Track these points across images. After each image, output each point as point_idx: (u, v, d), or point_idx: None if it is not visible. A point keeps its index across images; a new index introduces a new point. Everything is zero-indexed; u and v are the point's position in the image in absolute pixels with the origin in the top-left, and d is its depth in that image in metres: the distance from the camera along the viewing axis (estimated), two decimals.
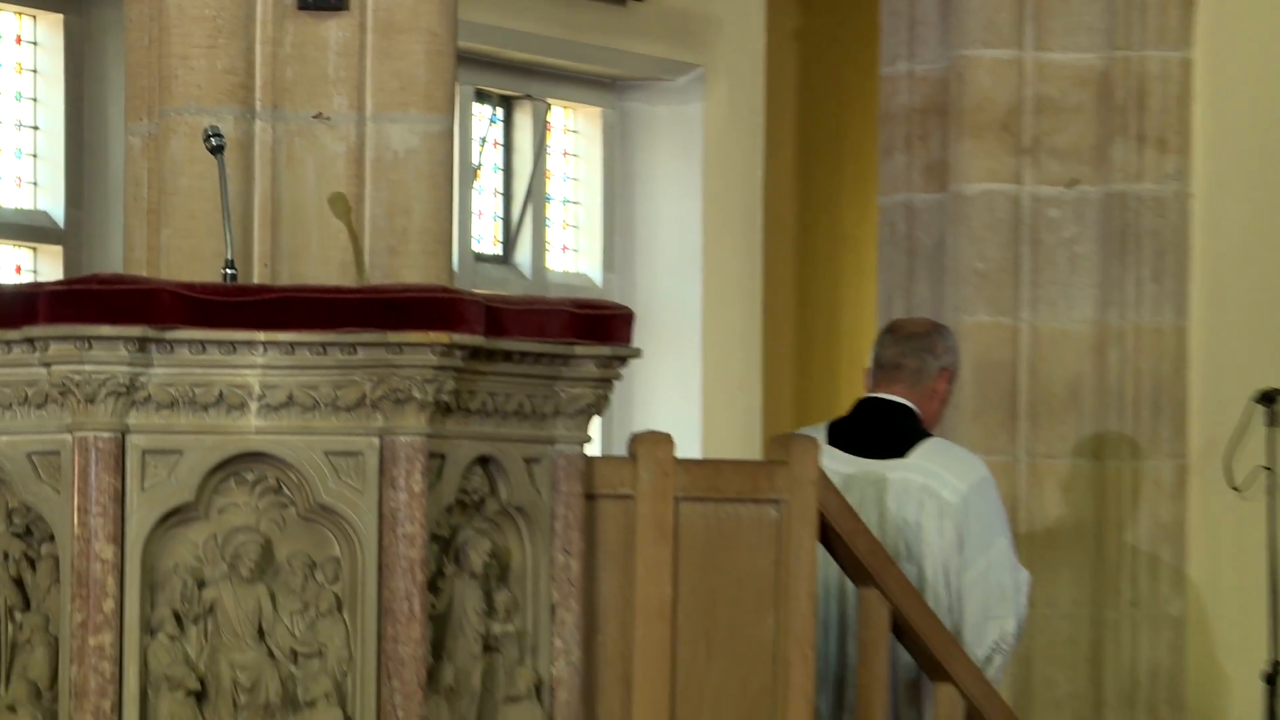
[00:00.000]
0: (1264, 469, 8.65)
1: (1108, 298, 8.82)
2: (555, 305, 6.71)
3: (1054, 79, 8.80)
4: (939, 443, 8.10)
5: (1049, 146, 8.80)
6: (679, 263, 13.48)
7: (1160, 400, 8.85)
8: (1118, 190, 8.79)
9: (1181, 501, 8.83)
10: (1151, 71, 8.79)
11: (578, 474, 6.66)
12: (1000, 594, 7.98)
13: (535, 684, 6.56)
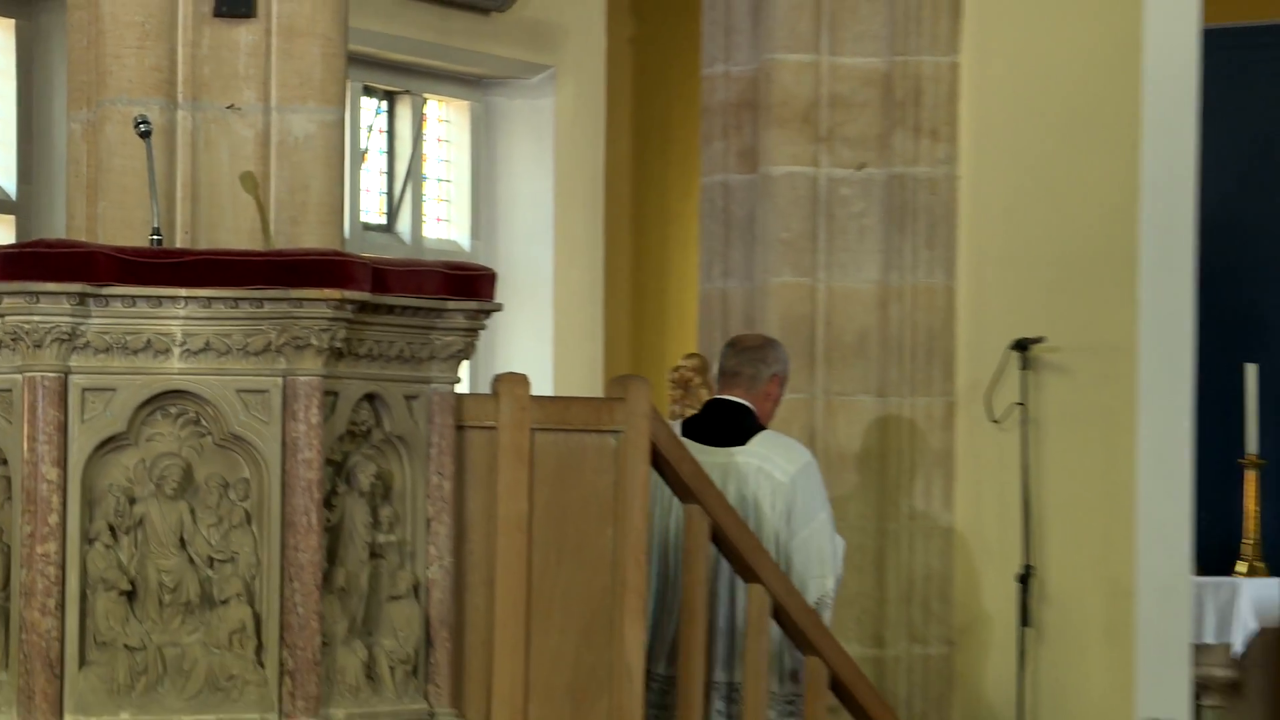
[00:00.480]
0: (1018, 405, 8.72)
1: (889, 262, 8.86)
2: (430, 267, 6.77)
3: (845, 79, 8.82)
4: (771, 434, 8.24)
5: (841, 136, 8.83)
6: (534, 232, 13.54)
7: (932, 348, 8.89)
8: (898, 172, 8.83)
9: (950, 432, 8.88)
10: (926, 73, 8.82)
11: (449, 408, 6.70)
12: (820, 557, 8.12)
13: (413, 585, 6.61)
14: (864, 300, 8.88)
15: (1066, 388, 8.72)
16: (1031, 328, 8.72)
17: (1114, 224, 8.69)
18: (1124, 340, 8.66)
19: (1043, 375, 8.74)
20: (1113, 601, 8.65)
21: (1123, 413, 8.66)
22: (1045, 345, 8.71)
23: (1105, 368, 8.68)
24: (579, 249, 13.66)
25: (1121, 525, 8.66)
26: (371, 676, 6.50)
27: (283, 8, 6.66)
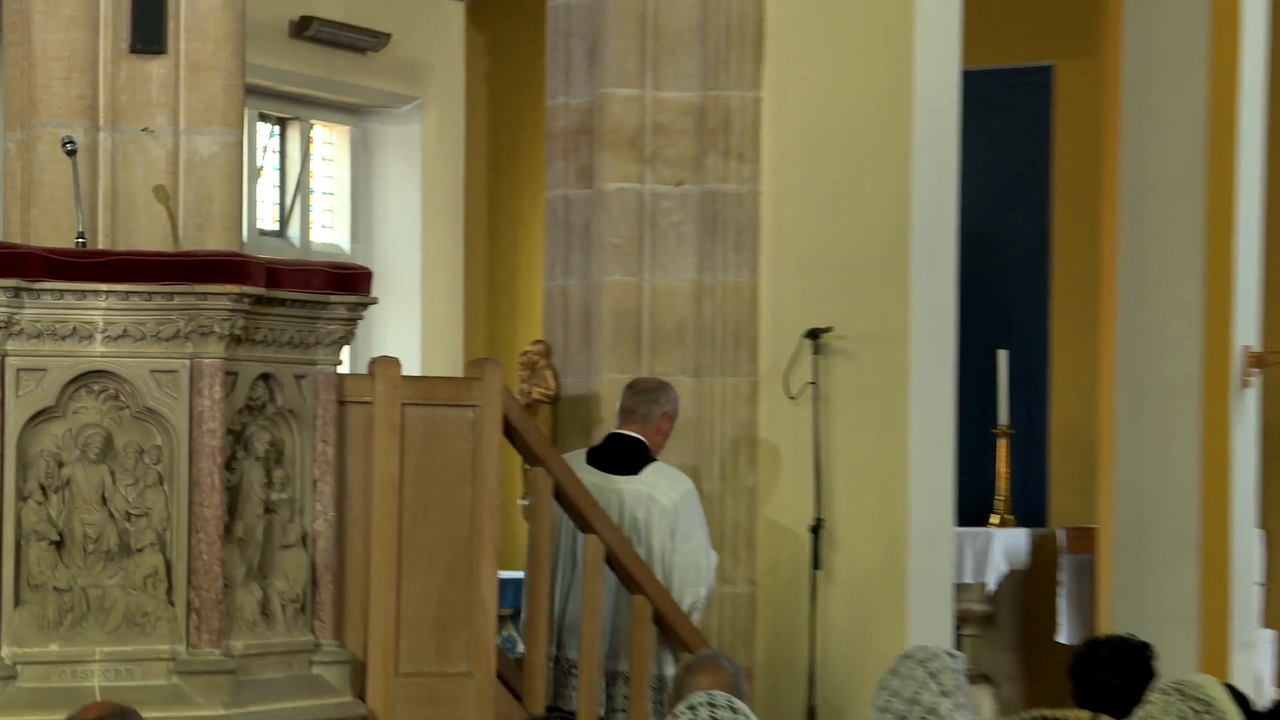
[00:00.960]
0: (810, 384, 8.73)
1: (703, 264, 8.84)
2: (316, 266, 6.82)
3: (666, 110, 8.81)
4: (659, 465, 8.34)
5: (662, 158, 8.81)
6: (404, 237, 13.53)
7: (739, 336, 8.88)
8: (710, 189, 8.82)
9: (754, 407, 8.88)
10: (733, 106, 8.81)
11: (333, 386, 6.72)
12: (695, 571, 8.24)
13: (302, 536, 6.63)
14: (682, 296, 8.86)
15: (850, 369, 8.73)
16: (822, 319, 8.73)
17: (889, 233, 8.71)
18: (898, 330, 8.69)
19: (831, 359, 8.75)
20: (888, 548, 8.68)
21: (897, 391, 8.69)
22: (833, 334, 8.72)
23: (882, 353, 8.70)
24: (442, 252, 13.66)
25: (896, 484, 8.69)
26: (266, 613, 6.54)
27: (189, 45, 6.64)
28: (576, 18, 8.93)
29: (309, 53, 12.56)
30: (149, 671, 6.22)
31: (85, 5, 6.57)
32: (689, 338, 8.87)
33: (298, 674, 6.64)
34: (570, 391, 9.00)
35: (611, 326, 8.84)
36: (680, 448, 8.82)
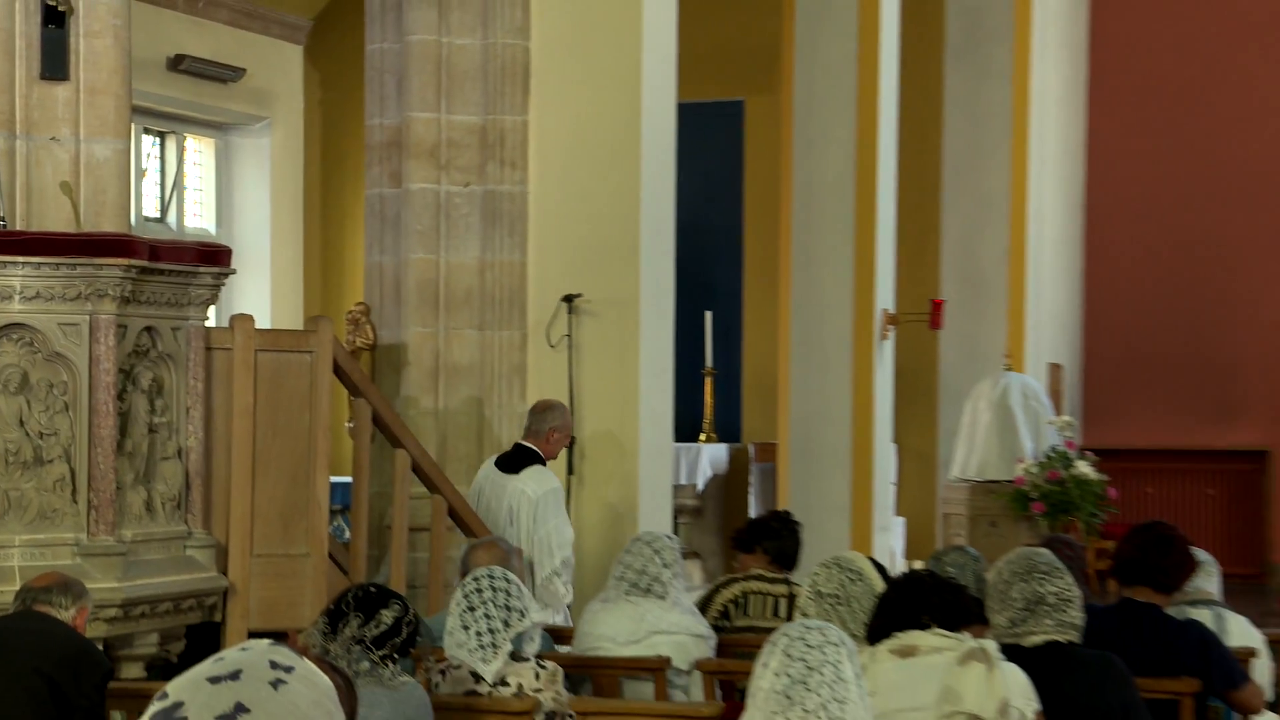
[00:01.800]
0: (566, 336, 8.72)
1: (485, 246, 8.81)
2: (188, 245, 6.83)
3: (456, 129, 8.76)
4: (536, 469, 8.26)
5: (454, 165, 8.75)
6: (257, 224, 13.45)
7: (512, 299, 8.86)
8: (490, 189, 8.79)
9: (524, 353, 8.88)
10: (507, 126, 8.78)
11: (201, 336, 6.70)
12: (549, 550, 8.18)
13: (178, 450, 6.60)
14: (469, 270, 8.82)
15: (595, 325, 8.73)
16: (574, 288, 8.73)
17: (624, 223, 8.72)
18: (630, 296, 8.71)
19: (581, 318, 8.74)
20: (623, 458, 8.70)
21: (629, 341, 8.71)
22: (582, 299, 8.71)
23: (619, 313, 8.70)
24: (287, 235, 13.61)
25: (629, 411, 8.71)
26: (149, 509, 6.53)
27: (87, 74, 6.54)
28: (388, 59, 8.87)
29: (182, 82, 12.48)
30: (58, 554, 6.14)
31: (5, 42, 6.43)
32: (474, 301, 8.82)
33: (174, 555, 6.58)
34: (384, 341, 8.91)
35: (415, 292, 8.77)
36: (468, 383, 8.79)
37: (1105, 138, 16.56)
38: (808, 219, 11.68)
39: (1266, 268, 15.99)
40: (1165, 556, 6.16)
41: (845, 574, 5.58)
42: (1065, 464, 12.26)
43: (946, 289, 14.13)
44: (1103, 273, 16.58)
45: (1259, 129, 16.04)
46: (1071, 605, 5.37)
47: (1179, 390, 16.22)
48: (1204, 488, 16.18)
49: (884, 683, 4.77)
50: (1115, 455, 15.32)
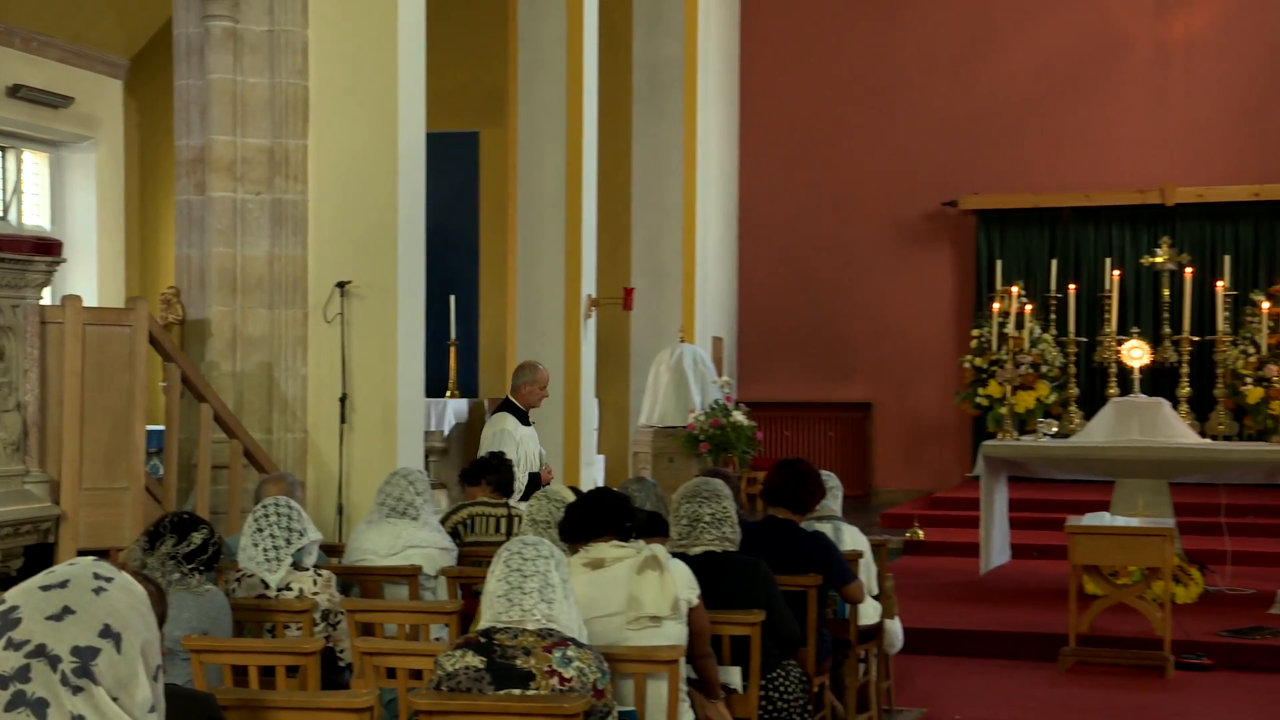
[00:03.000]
0: (339, 314, 8.53)
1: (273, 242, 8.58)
2: (26, 238, 6.37)
3: (249, 150, 8.49)
4: (499, 415, 8.80)
5: (248, 178, 8.49)
6: (85, 223, 12.93)
7: (296, 285, 8.63)
8: (277, 198, 8.55)
9: (306, 327, 8.63)
10: (291, 148, 8.55)
11: (37, 312, 6.40)
12: None
13: (17, 404, 6.23)
14: (261, 261, 8.58)
15: (362, 305, 8.58)
16: (345, 275, 8.57)
17: (385, 227, 8.59)
18: (390, 283, 8.59)
19: (351, 300, 8.59)
20: (385, 410, 8.57)
21: (389, 319, 8.59)
22: (352, 285, 8.55)
23: (381, 296, 8.58)
24: (111, 232, 13.15)
25: (390, 374, 8.59)
26: None
27: None
28: (193, 92, 8.54)
29: (20, 106, 11.97)
30: None
31: None
32: (265, 286, 8.59)
33: (14, 489, 6.28)
34: (192, 318, 8.61)
35: (217, 278, 8.50)
36: (260, 351, 8.56)
37: (752, 164, 16.94)
38: (529, 224, 11.69)
39: (873, 264, 16.56)
40: (801, 485, 6.36)
41: (553, 504, 5.63)
42: (725, 414, 12.52)
43: (636, 279, 14.33)
44: (752, 267, 16.97)
45: (866, 160, 16.58)
46: (726, 523, 5.48)
47: (809, 356, 16.70)
48: (826, 431, 16.69)
49: (581, 596, 4.80)
50: (762, 406, 15.73)
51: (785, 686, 5.46)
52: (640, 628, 4.75)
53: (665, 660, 4.65)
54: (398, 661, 4.72)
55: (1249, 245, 15.12)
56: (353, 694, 3.94)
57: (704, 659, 5.03)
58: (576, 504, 5.10)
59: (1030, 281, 15.02)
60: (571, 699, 3.99)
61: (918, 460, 16.37)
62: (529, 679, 4.02)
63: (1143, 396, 10.86)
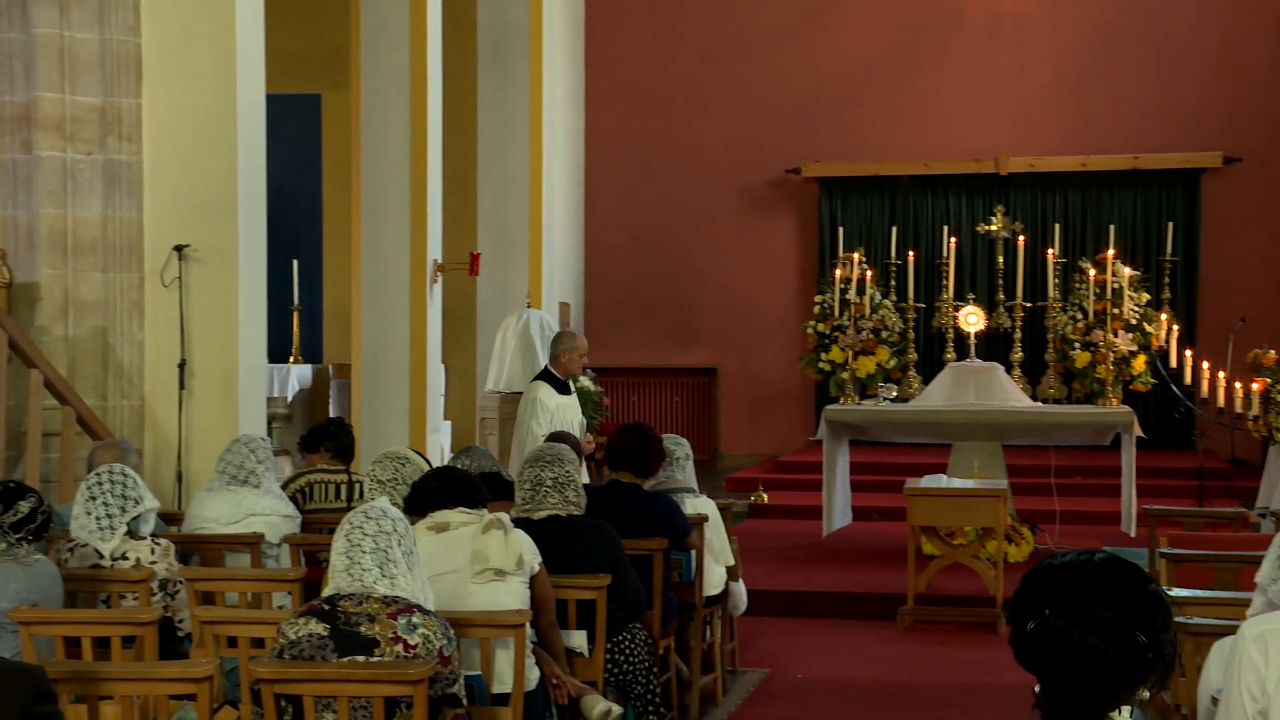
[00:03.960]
0: (177, 278, 8.29)
1: (107, 204, 8.31)
2: None
3: (80, 108, 8.17)
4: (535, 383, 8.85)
5: (79, 137, 8.20)
6: None
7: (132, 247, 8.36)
8: (110, 158, 8.27)
9: (143, 291, 8.39)
10: (124, 107, 8.26)
11: None
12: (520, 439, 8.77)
13: None
14: (94, 223, 8.31)
15: (202, 269, 8.36)
16: (183, 239, 8.33)
17: (224, 189, 8.38)
18: (230, 246, 8.38)
19: (189, 263, 8.37)
20: (226, 376, 8.38)
21: (230, 283, 8.39)
22: (191, 248, 8.32)
23: (221, 260, 8.37)
24: None
25: (231, 339, 8.40)
26: None
27: None
28: (16, 46, 8.19)
29: None
30: None
31: None
32: (99, 248, 8.31)
33: None
34: (19, 281, 8.27)
35: (47, 240, 8.20)
36: (94, 315, 8.30)
37: (598, 131, 16.92)
38: (374, 188, 11.51)
39: (718, 231, 16.68)
40: (645, 449, 6.41)
41: (396, 463, 5.58)
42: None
43: (482, 244, 14.24)
44: (599, 234, 16.97)
45: (711, 128, 16.67)
46: (569, 487, 5.48)
47: (655, 323, 16.78)
48: (672, 396, 16.80)
49: (425, 554, 4.79)
50: (609, 372, 15.78)
51: (631, 649, 5.49)
52: (485, 580, 4.74)
53: (511, 624, 4.64)
54: (239, 630, 4.63)
55: (1077, 214, 15.59)
56: (191, 664, 3.85)
57: (549, 629, 5.04)
58: (423, 480, 5.08)
59: (871, 248, 15.29)
60: (416, 665, 3.95)
61: (762, 425, 16.58)
62: (373, 645, 4.00)
63: (978, 361, 11.14)
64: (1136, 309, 11.30)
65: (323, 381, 13.84)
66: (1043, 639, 2.25)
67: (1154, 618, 2.25)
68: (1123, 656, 2.22)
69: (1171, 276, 13.97)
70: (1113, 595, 2.24)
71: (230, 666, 4.84)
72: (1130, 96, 15.61)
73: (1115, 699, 2.22)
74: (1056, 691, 2.23)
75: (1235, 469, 13.54)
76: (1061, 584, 2.27)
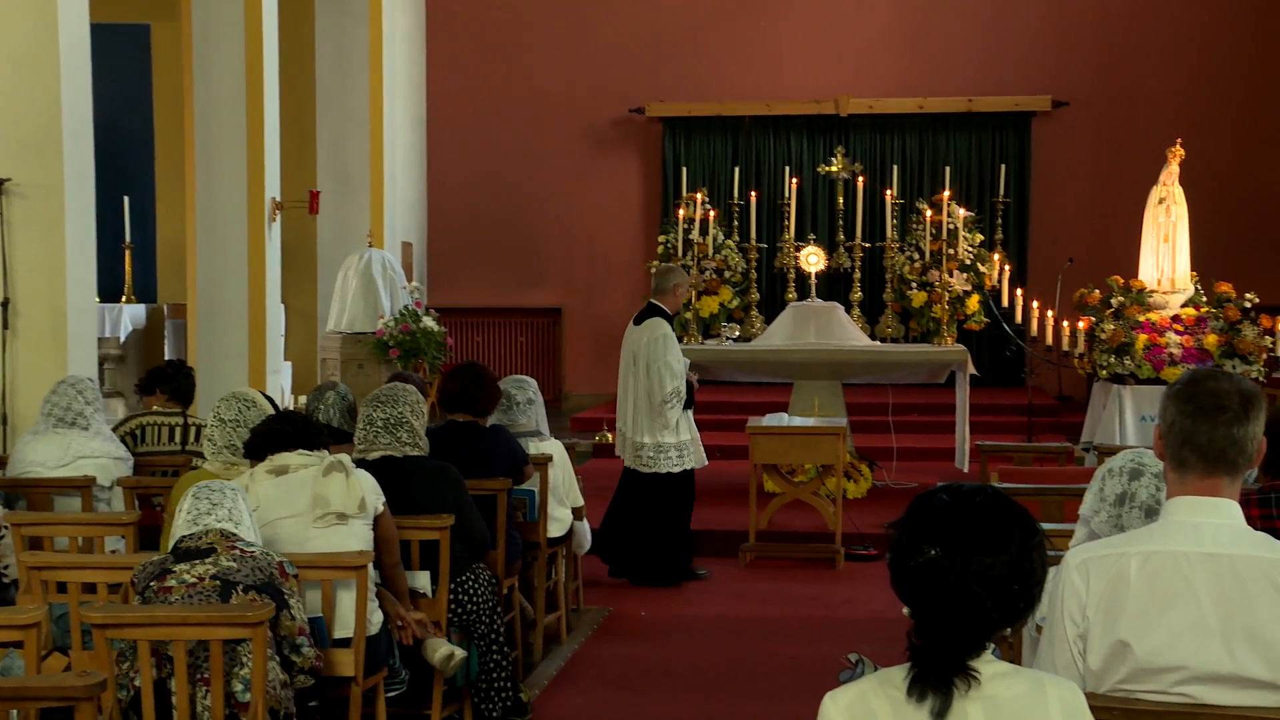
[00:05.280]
0: None
1: None
2: None
3: None
4: (655, 320, 8.20)
5: None
6: None
7: None
8: None
9: None
10: None
11: None
12: (661, 380, 8.15)
13: None
14: None
15: (25, 205, 8.06)
16: (4, 173, 8.00)
17: (46, 122, 8.05)
18: (55, 182, 8.07)
19: (12, 199, 8.08)
20: (54, 316, 8.11)
21: (57, 220, 8.10)
22: (12, 182, 7.99)
23: (46, 196, 8.07)
24: None
25: (59, 278, 8.13)
26: None
27: None
28: None
29: None
30: None
31: None
32: None
33: None
34: None
35: None
36: None
37: (441, 69, 16.67)
38: (208, 123, 11.20)
39: (562, 171, 16.60)
40: (479, 389, 6.39)
41: (241, 403, 5.47)
42: (415, 319, 12.39)
43: (322, 182, 13.98)
44: (442, 173, 16.77)
45: (554, 66, 16.54)
46: (402, 428, 5.43)
47: (499, 262, 16.68)
48: (517, 336, 16.74)
49: (264, 497, 4.73)
50: (453, 312, 15.66)
51: (474, 589, 5.49)
52: (327, 524, 4.70)
53: (353, 565, 4.59)
54: (69, 575, 4.52)
55: (915, 156, 15.87)
56: (17, 610, 3.74)
57: (393, 568, 5.01)
58: (262, 423, 5.01)
59: (714, 189, 15.37)
60: (255, 608, 3.90)
61: (607, 365, 16.56)
62: (210, 553, 4.11)
63: (819, 301, 11.31)
64: (971, 249, 11.61)
65: (157, 321, 13.47)
66: (925, 578, 2.30)
67: (1034, 569, 2.32)
68: (999, 607, 2.29)
69: (1004, 218, 14.35)
70: (998, 544, 2.30)
71: (60, 613, 4.72)
72: (965, 40, 15.90)
73: (985, 641, 2.30)
74: (930, 629, 2.29)
75: (1062, 405, 14.01)
76: (948, 524, 2.31)
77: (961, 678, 2.26)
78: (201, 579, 4.03)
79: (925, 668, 2.28)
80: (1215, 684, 2.72)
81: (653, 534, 8.27)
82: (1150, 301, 10.44)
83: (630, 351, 8.26)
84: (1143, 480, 3.49)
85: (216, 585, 4.02)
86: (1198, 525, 2.76)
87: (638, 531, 8.30)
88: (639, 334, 8.22)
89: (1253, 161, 15.33)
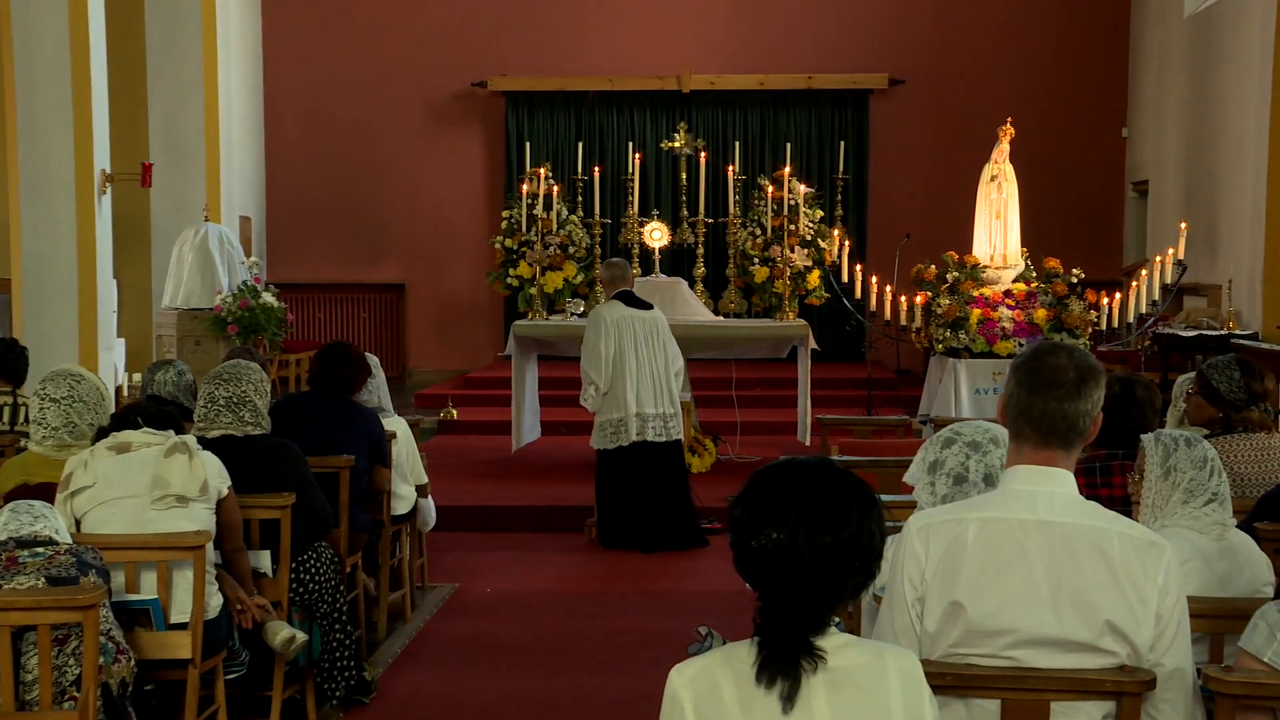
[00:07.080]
0: None
1: None
2: None
3: None
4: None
5: None
6: None
7: None
8: None
9: None
10: None
11: None
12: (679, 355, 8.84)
13: None
14: None
15: None
16: None
17: None
18: None
19: None
20: None
21: None
22: None
23: None
24: None
25: None
26: None
27: None
28: None
29: None
30: None
31: None
32: None
33: None
34: None
35: None
36: None
37: (278, 40, 16.32)
38: (30, 94, 10.78)
39: (404, 145, 16.39)
40: (343, 368, 6.36)
41: (71, 379, 5.28)
42: (254, 295, 12.13)
43: (155, 155, 13.58)
44: (280, 145, 16.42)
45: (395, 39, 16.30)
46: (245, 407, 5.32)
47: (341, 237, 16.41)
48: (359, 312, 16.52)
49: (103, 474, 4.59)
50: (293, 288, 15.38)
51: (316, 568, 5.40)
52: (166, 507, 4.58)
53: (190, 546, 4.48)
54: None
55: (756, 132, 16.02)
56: None
57: (236, 553, 4.90)
58: (134, 405, 4.89)
59: (558, 164, 15.32)
60: (88, 590, 3.79)
61: (451, 341, 16.48)
62: (41, 542, 4.03)
63: (663, 276, 11.35)
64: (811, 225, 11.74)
65: None
66: (767, 558, 2.29)
67: (873, 542, 2.32)
68: (842, 582, 2.29)
69: (844, 194, 14.55)
70: (838, 521, 2.30)
71: None
72: (805, 18, 16.08)
73: (829, 617, 2.31)
74: (774, 608, 2.29)
75: (900, 379, 14.31)
76: (788, 504, 2.30)
77: (808, 658, 2.27)
78: (52, 557, 3.95)
79: (772, 650, 2.29)
80: (1042, 647, 2.80)
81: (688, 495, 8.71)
82: (984, 277, 10.71)
83: (646, 333, 8.57)
84: (953, 449, 3.58)
85: (71, 561, 3.95)
86: (1033, 494, 2.83)
87: (685, 497, 8.65)
88: (652, 317, 8.61)
89: (1075, 140, 15.81)
